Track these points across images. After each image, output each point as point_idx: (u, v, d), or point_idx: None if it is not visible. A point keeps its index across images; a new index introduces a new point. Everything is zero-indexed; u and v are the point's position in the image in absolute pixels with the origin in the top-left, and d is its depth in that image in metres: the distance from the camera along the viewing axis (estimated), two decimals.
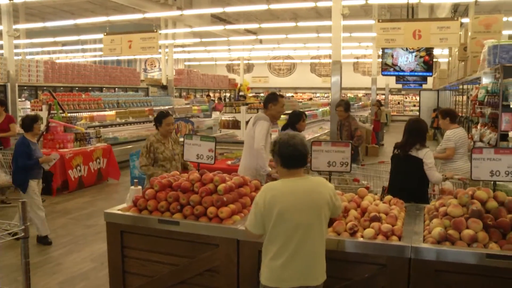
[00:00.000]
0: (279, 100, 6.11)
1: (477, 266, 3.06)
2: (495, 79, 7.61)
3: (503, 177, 3.43)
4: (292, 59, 37.45)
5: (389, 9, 22.19)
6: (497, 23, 9.79)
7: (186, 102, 20.31)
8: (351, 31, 21.10)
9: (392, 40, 8.08)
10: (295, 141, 3.02)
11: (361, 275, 3.29)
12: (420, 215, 3.82)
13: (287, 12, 22.81)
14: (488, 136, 7.27)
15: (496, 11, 20.11)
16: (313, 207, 2.97)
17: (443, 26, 8.03)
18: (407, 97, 36.22)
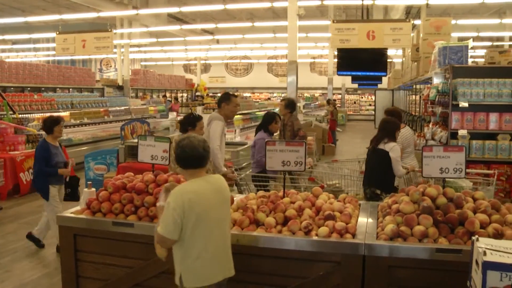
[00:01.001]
0: (232, 99, 6.15)
1: (428, 261, 3.14)
2: (445, 79, 7.83)
3: (452, 174, 3.53)
4: (249, 59, 37.57)
5: (344, 10, 22.53)
6: (447, 25, 10.08)
7: (142, 102, 20.09)
8: (308, 32, 21.33)
9: (347, 41, 8.21)
10: (198, 144, 3.10)
11: (316, 273, 3.32)
12: (374, 213, 3.89)
13: (244, 12, 22.83)
14: (439, 134, 7.46)
15: (446, 14, 20.72)
16: (224, 202, 3.18)
17: (396, 28, 8.22)
18: (363, 97, 36.85)
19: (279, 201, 3.72)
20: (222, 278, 3.07)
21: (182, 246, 2.98)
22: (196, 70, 35.81)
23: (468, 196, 3.54)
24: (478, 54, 22.82)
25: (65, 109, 13.80)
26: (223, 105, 6.12)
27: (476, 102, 7.01)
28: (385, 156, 5.49)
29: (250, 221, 3.57)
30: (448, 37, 9.87)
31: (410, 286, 3.22)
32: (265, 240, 3.41)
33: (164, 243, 3.00)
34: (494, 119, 7.06)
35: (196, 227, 2.95)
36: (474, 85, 7.06)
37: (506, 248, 2.00)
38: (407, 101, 15.96)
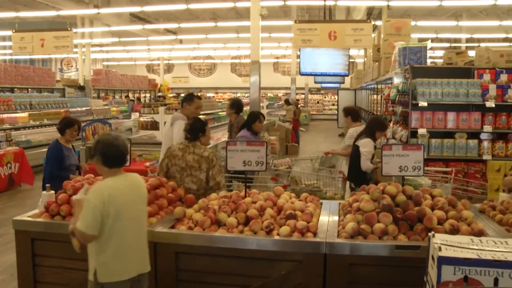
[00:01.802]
0: (194, 100, 6.16)
1: (388, 258, 3.18)
2: (405, 79, 7.97)
3: (411, 172, 3.59)
4: (212, 59, 37.47)
5: (307, 11, 22.72)
6: (407, 26, 10.27)
7: (104, 103, 19.79)
8: (271, 32, 21.40)
9: (309, 41, 8.27)
10: (119, 142, 3.17)
11: (278, 272, 3.32)
12: (336, 211, 3.92)
13: (207, 12, 22.76)
14: (400, 133, 7.59)
15: (407, 16, 21.11)
16: (142, 199, 3.28)
17: (357, 28, 8.32)
18: (326, 97, 37.20)
19: (241, 201, 3.71)
20: (136, 273, 3.14)
21: (98, 240, 3.01)
22: (159, 70, 35.50)
23: (426, 193, 3.61)
24: (437, 55, 23.31)
25: (24, 109, 13.47)
26: (185, 105, 6.13)
27: (435, 101, 7.17)
28: (357, 151, 5.90)
29: (211, 221, 3.55)
30: (408, 38, 10.06)
31: (371, 283, 3.26)
32: (226, 240, 3.40)
33: (84, 239, 3.01)
34: (452, 118, 7.23)
35: (115, 222, 3.00)
36: (432, 85, 7.22)
37: (460, 243, 2.04)
38: (369, 101, 16.19)
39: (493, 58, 7.88)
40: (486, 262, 1.84)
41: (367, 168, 5.87)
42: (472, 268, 1.85)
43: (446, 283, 1.89)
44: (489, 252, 1.91)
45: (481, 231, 3.24)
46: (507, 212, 3.88)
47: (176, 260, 3.49)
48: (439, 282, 1.92)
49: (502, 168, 7.13)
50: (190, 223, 3.63)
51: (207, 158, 4.59)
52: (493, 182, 7.13)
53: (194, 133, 4.84)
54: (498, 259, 1.83)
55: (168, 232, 3.55)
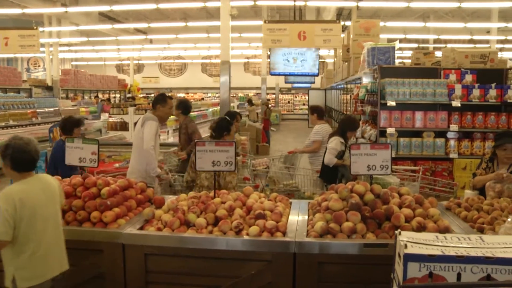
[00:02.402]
0: (167, 101, 6.06)
1: (356, 256, 3.22)
2: (373, 79, 8.07)
3: (379, 170, 3.63)
4: (183, 59, 37.24)
5: (278, 11, 22.78)
6: (376, 27, 10.39)
7: (73, 103, 19.47)
8: (241, 32, 21.38)
9: (278, 41, 8.29)
10: (30, 147, 3.15)
11: (248, 272, 3.32)
12: (305, 210, 3.94)
13: (177, 12, 22.61)
14: (369, 132, 7.68)
15: (376, 16, 21.38)
16: (54, 199, 3.28)
17: (327, 28, 8.38)
18: (297, 96, 37.36)
19: (210, 201, 3.70)
20: (58, 272, 3.17)
21: (13, 245, 2.99)
22: (129, 71, 35.11)
23: (394, 192, 3.66)
24: (406, 55, 23.68)
25: None
26: (159, 107, 5.99)
27: (403, 101, 7.28)
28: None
29: (180, 222, 3.53)
30: (377, 38, 10.18)
31: (340, 281, 3.29)
32: (196, 241, 3.39)
33: None
34: (420, 117, 7.35)
35: (29, 225, 2.99)
36: (400, 85, 7.32)
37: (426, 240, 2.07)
38: (339, 100, 16.34)
39: (458, 59, 8.03)
40: (449, 258, 1.86)
41: (329, 161, 6.29)
42: (437, 264, 1.87)
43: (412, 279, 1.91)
44: (452, 248, 1.94)
45: (446, 228, 3.30)
46: (471, 209, 3.97)
47: (145, 261, 3.46)
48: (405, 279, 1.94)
49: (468, 166, 7.28)
50: (159, 224, 3.60)
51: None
52: (459, 180, 7.26)
53: (220, 131, 5.15)
54: (461, 255, 1.86)
55: (137, 234, 3.52)
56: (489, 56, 8.09)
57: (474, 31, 22.58)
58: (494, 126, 7.35)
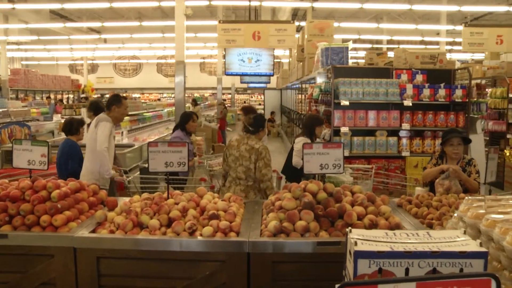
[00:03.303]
0: (122, 102, 5.99)
1: (310, 254, 3.24)
2: (327, 78, 8.17)
3: (331, 169, 3.67)
4: (138, 59, 36.78)
5: (234, 11, 22.78)
6: (330, 27, 10.51)
7: (23, 104, 18.88)
8: (197, 32, 21.29)
9: (233, 41, 8.29)
10: None
11: (203, 273, 3.30)
12: (259, 210, 3.95)
13: (132, 11, 22.30)
14: (323, 131, 7.77)
15: (331, 17, 21.67)
16: None
17: (281, 29, 8.43)
18: (253, 96, 37.48)
19: (163, 202, 3.66)
20: None
21: None
22: (83, 71, 34.41)
23: (346, 190, 3.70)
24: (360, 55, 24.09)
25: None
26: (114, 108, 5.91)
27: (356, 100, 7.40)
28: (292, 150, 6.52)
29: (133, 224, 3.47)
30: (331, 39, 10.30)
31: (294, 279, 3.30)
32: (149, 242, 3.34)
33: None
34: (373, 117, 7.49)
35: None
36: (354, 85, 7.44)
37: (376, 237, 2.10)
38: (295, 100, 16.45)
39: (409, 59, 8.23)
40: (398, 254, 1.90)
41: (296, 163, 6.35)
42: (386, 260, 1.90)
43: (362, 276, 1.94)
44: (401, 244, 1.97)
45: (397, 225, 3.36)
46: (421, 205, 4.08)
47: (98, 265, 3.38)
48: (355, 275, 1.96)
49: (419, 164, 7.46)
50: (111, 226, 3.53)
51: (257, 150, 5.05)
52: (411, 177, 7.44)
53: (256, 127, 5.31)
54: (409, 250, 1.89)
55: (89, 237, 3.44)
56: (438, 57, 8.32)
57: (425, 32, 23.22)
58: (444, 125, 7.56)
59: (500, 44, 9.44)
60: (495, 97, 10.98)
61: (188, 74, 10.11)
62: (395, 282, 1.46)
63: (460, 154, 5.07)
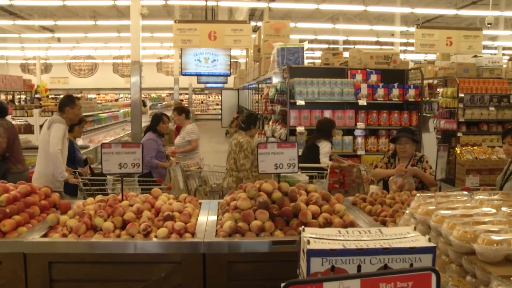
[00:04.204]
0: (76, 102, 5.89)
1: (266, 254, 3.25)
2: (283, 78, 8.22)
3: (286, 169, 3.70)
4: (93, 59, 36.10)
5: (191, 11, 22.64)
6: (286, 28, 10.58)
7: None
8: (153, 31, 21.06)
9: (189, 41, 8.25)
10: None
11: (158, 274, 3.27)
12: (215, 210, 3.94)
13: (86, 10, 21.85)
14: (279, 131, 7.82)
15: (288, 17, 21.83)
16: None
17: (237, 29, 8.43)
18: (210, 96, 37.39)
19: (117, 204, 3.60)
20: None
21: None
22: (36, 70, 33.51)
23: (301, 189, 3.73)
24: (317, 55, 24.36)
25: None
26: (67, 109, 5.79)
27: (312, 100, 7.47)
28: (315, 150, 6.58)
29: (87, 227, 3.40)
30: (287, 39, 10.37)
31: (250, 279, 3.31)
32: (103, 245, 3.28)
33: None
34: (328, 116, 7.57)
35: None
36: (309, 84, 7.51)
37: (329, 235, 2.12)
38: (252, 100, 16.50)
39: (364, 59, 8.37)
40: (350, 251, 1.92)
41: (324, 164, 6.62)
42: (338, 258, 1.92)
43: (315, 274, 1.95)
44: (353, 242, 2.00)
45: (351, 222, 3.42)
46: (375, 203, 4.16)
47: (50, 270, 3.29)
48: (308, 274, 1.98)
49: (374, 162, 7.59)
50: (64, 230, 3.45)
51: (240, 144, 5.80)
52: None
53: (248, 124, 6.08)
54: (361, 248, 1.92)
55: (40, 242, 3.35)
56: (392, 57, 8.50)
57: (380, 33, 23.68)
58: (397, 124, 7.73)
59: (450, 45, 9.72)
60: (446, 97, 11.30)
61: (145, 74, 10.01)
62: (339, 279, 1.49)
63: (409, 152, 5.22)
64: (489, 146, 10.72)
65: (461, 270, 2.34)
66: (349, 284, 1.46)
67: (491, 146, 10.75)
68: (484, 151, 10.35)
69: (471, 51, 10.23)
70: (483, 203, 2.86)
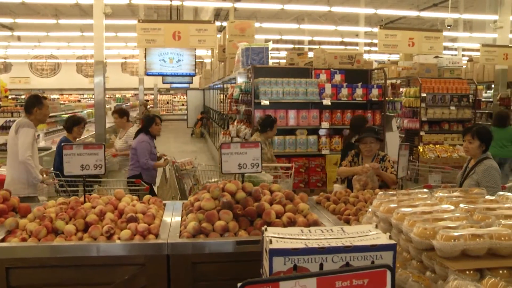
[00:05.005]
0: (44, 103, 5.73)
1: (230, 254, 3.25)
2: (247, 78, 8.23)
3: (250, 169, 3.70)
4: (56, 59, 35.39)
5: (156, 10, 22.44)
6: (251, 28, 10.59)
7: None
8: (117, 31, 20.79)
9: (153, 41, 8.16)
10: None
11: (122, 277, 3.23)
12: (179, 211, 3.92)
13: (48, 8, 21.37)
14: (244, 131, 7.82)
15: (254, 18, 21.86)
16: None
17: (201, 29, 8.39)
18: (176, 97, 37.15)
19: (80, 207, 3.54)
20: None
21: None
22: None
23: (265, 189, 3.74)
24: (282, 56, 24.47)
25: None
26: (35, 110, 5.63)
27: (276, 100, 7.50)
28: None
29: (48, 230, 3.33)
30: (252, 39, 10.37)
31: (215, 279, 3.30)
32: (64, 249, 3.22)
33: None
34: (293, 116, 7.62)
35: None
36: (274, 84, 7.54)
37: (291, 234, 2.14)
38: (217, 100, 16.46)
39: (328, 59, 8.44)
40: (312, 250, 1.94)
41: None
42: (301, 257, 1.93)
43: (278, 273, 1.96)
44: (315, 241, 2.02)
45: (315, 221, 3.44)
46: (339, 201, 4.21)
47: (8, 276, 3.21)
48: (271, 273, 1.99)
49: (339, 161, 7.67)
50: (23, 234, 3.37)
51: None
52: (331, 175, 7.64)
53: (264, 126, 6.46)
54: (322, 246, 1.93)
55: None
56: (355, 58, 8.60)
57: (344, 34, 23.94)
58: None
59: (412, 46, 9.88)
60: (409, 96, 11.51)
61: (109, 74, 9.90)
62: (296, 278, 1.50)
63: (373, 152, 5.30)
64: (450, 145, 10.96)
65: (421, 266, 2.40)
66: (305, 283, 1.48)
67: (452, 144, 11.00)
68: (445, 149, 10.58)
69: (432, 51, 10.42)
70: (443, 200, 2.93)
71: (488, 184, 4.52)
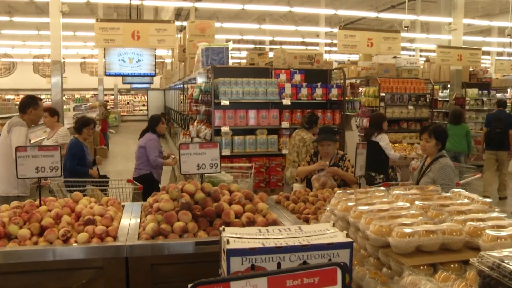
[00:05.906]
0: (39, 103, 5.80)
1: (190, 255, 3.24)
2: (207, 78, 8.21)
3: (208, 169, 3.70)
4: (11, 58, 34.47)
5: (115, 9, 22.14)
6: (211, 27, 10.56)
7: None
8: (76, 30, 20.42)
9: (112, 40, 8.07)
10: None
11: (79, 281, 3.18)
12: (138, 213, 3.88)
13: (1, 4, 20.77)
14: (204, 131, 7.80)
15: (215, 18, 21.83)
16: None
17: (161, 28, 8.33)
18: (136, 97, 36.74)
19: (35, 210, 3.46)
20: None
21: None
22: None
23: (224, 189, 3.74)
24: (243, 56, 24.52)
25: None
26: (31, 110, 5.68)
27: (236, 100, 7.50)
28: (377, 146, 7.11)
29: (0, 235, 3.24)
30: (212, 39, 10.35)
31: (175, 281, 3.28)
32: (18, 254, 3.14)
33: None
34: (253, 116, 7.64)
35: None
36: (233, 84, 7.54)
37: (249, 234, 2.15)
38: (178, 101, 16.38)
39: (288, 59, 8.50)
40: (269, 249, 1.95)
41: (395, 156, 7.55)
42: (258, 257, 1.94)
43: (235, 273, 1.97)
44: (273, 240, 2.03)
45: (274, 221, 3.46)
46: (298, 201, 4.25)
47: None
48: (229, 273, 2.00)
49: None
50: None
51: (304, 139, 6.56)
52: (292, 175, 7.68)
53: (310, 123, 6.75)
54: (280, 245, 1.95)
55: None
56: (315, 58, 8.68)
57: (305, 34, 24.16)
58: (321, 122, 7.89)
59: (371, 46, 10.06)
60: (368, 96, 11.71)
61: (68, 74, 9.73)
62: (246, 278, 1.51)
63: (331, 152, 5.38)
64: (408, 143, 11.19)
65: (378, 263, 2.45)
66: (256, 283, 1.49)
67: (410, 143, 11.24)
68: (404, 148, 10.79)
69: (390, 52, 10.65)
70: (399, 197, 3.00)
71: (443, 181, 4.64)
